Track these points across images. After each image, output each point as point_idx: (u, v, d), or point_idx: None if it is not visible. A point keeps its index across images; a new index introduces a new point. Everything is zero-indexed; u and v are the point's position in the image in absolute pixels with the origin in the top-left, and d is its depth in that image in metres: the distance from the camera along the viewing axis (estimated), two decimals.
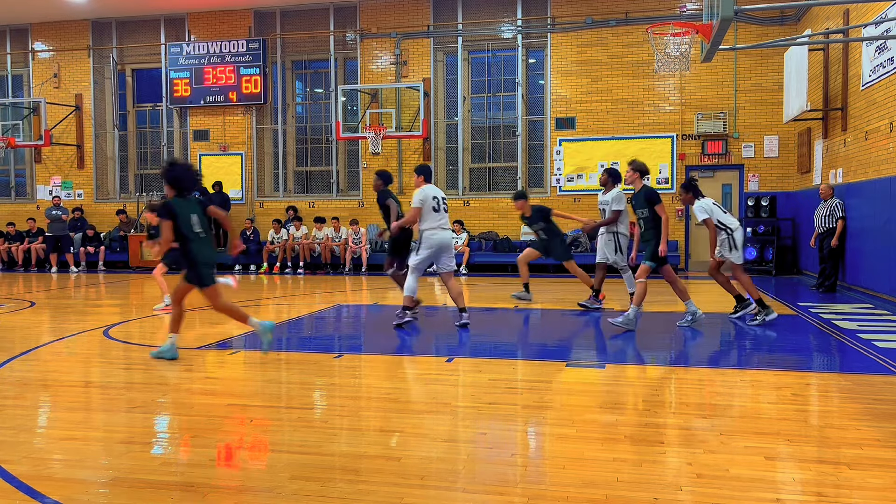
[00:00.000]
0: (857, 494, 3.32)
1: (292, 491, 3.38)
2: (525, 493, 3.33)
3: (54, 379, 5.90)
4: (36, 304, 10.82)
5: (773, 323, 8.16)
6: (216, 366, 6.38)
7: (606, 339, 7.69)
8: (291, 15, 17.48)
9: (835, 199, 11.44)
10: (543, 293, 11.88)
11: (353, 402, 5.10)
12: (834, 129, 12.53)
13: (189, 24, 17.85)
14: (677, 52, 11.72)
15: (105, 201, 18.73)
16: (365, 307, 10.53)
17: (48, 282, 14.50)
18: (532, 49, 16.59)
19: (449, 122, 16.99)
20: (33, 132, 17.80)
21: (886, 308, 9.38)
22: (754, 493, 3.31)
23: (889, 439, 4.07)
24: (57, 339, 7.74)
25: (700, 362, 6.67)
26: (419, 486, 3.43)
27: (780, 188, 15.13)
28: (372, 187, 9.70)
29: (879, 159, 10.35)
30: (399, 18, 16.73)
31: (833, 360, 6.52)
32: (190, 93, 17.74)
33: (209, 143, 17.98)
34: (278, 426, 4.51)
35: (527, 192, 10.47)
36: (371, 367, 6.39)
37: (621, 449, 3.94)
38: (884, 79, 10.10)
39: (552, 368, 6.28)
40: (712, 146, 15.26)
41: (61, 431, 4.48)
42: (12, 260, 17.68)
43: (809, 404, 5.04)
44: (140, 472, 3.65)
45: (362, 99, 16.65)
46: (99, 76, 18.69)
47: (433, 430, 4.37)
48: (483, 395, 5.17)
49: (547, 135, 16.22)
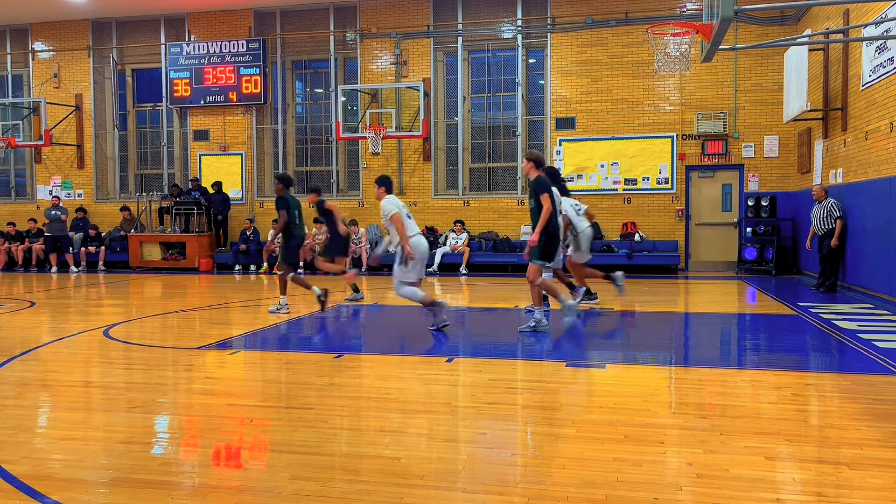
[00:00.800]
0: (857, 494, 3.32)
1: (292, 491, 3.38)
2: (525, 493, 3.33)
3: (54, 379, 5.90)
4: (36, 304, 10.82)
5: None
6: (216, 366, 6.38)
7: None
8: (291, 15, 17.48)
9: (829, 200, 11.46)
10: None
11: (353, 402, 5.10)
12: (834, 129, 12.53)
13: (189, 24, 17.85)
14: (677, 52, 11.73)
15: (105, 201, 18.73)
16: (365, 307, 10.53)
17: (48, 282, 14.50)
18: (532, 49, 16.59)
19: (449, 122, 16.99)
20: (33, 132, 17.80)
21: (886, 308, 9.38)
22: (754, 493, 3.31)
23: (889, 439, 4.07)
24: (57, 339, 7.74)
25: (700, 362, 6.67)
26: (419, 486, 3.43)
27: (780, 188, 15.13)
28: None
29: (879, 159, 10.35)
30: (399, 18, 16.73)
31: (833, 360, 6.52)
32: (190, 93, 17.74)
33: (209, 143, 17.99)
34: (278, 426, 4.51)
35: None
36: (371, 367, 6.39)
37: (621, 449, 3.94)
38: (884, 79, 10.10)
39: (552, 368, 6.28)
40: (712, 146, 15.26)
41: (61, 431, 4.48)
42: (12, 260, 17.68)
43: (809, 404, 5.04)
44: (140, 472, 3.65)
45: (362, 99, 16.65)
46: (99, 76, 18.69)
47: (433, 430, 4.37)
48: (483, 395, 5.17)
49: (547, 135, 16.22)
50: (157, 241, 17.07)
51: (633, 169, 15.68)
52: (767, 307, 9.93)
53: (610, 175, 15.81)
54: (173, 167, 18.46)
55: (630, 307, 10.22)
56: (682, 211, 15.54)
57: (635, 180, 15.69)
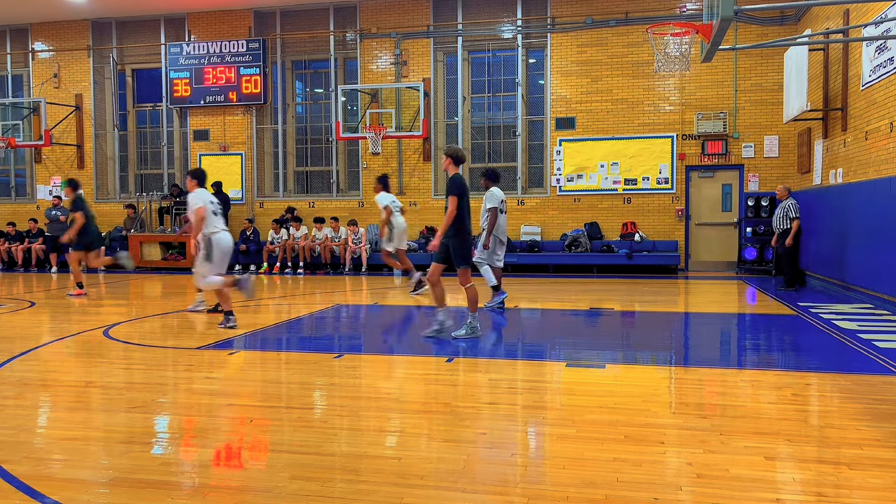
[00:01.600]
0: (857, 494, 3.32)
1: (292, 491, 3.38)
2: (525, 493, 3.33)
3: (54, 379, 5.90)
4: (36, 304, 10.82)
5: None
6: (216, 366, 6.38)
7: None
8: (291, 15, 17.48)
9: (790, 200, 11.89)
10: (544, 293, 11.89)
11: (353, 402, 5.10)
12: (834, 129, 12.53)
13: (189, 24, 17.85)
14: (677, 52, 11.74)
15: (105, 201, 18.73)
16: (365, 307, 10.53)
17: (48, 282, 14.50)
18: (532, 49, 16.58)
19: (449, 122, 16.98)
20: (33, 132, 17.80)
21: (886, 308, 9.38)
22: (754, 493, 3.31)
23: (889, 439, 4.07)
24: (57, 339, 7.74)
25: (700, 362, 6.67)
26: (419, 486, 3.43)
27: None
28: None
29: (879, 159, 10.35)
30: (399, 18, 16.73)
31: (833, 360, 6.51)
32: (190, 93, 17.74)
33: (209, 143, 17.98)
34: (278, 426, 4.51)
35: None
36: (371, 367, 6.39)
37: (621, 449, 3.94)
38: (884, 79, 10.09)
39: (552, 368, 6.28)
40: (712, 146, 15.26)
41: (61, 431, 4.48)
42: (12, 260, 17.69)
43: (809, 404, 5.04)
44: (140, 472, 3.65)
45: (362, 99, 16.65)
46: (99, 76, 18.69)
47: (433, 430, 4.37)
48: (483, 395, 5.17)
49: (547, 135, 16.22)
50: (157, 241, 17.07)
51: (633, 169, 15.68)
52: (767, 307, 9.93)
53: (610, 175, 15.81)
54: (173, 167, 18.46)
55: (630, 307, 10.23)
56: (682, 211, 15.53)
57: (635, 180, 15.69)
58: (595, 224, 15.79)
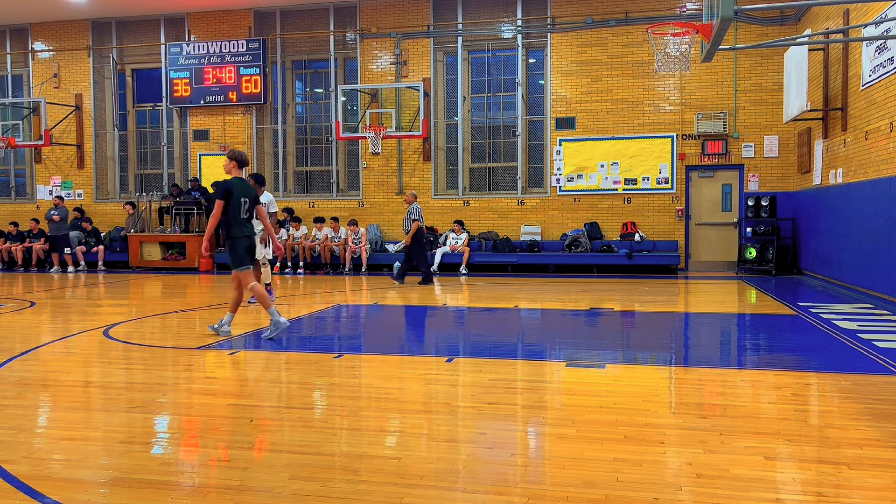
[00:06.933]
0: (857, 494, 3.32)
1: (292, 491, 3.38)
2: (525, 493, 3.33)
3: (54, 379, 5.90)
4: (36, 304, 10.82)
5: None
6: (216, 366, 6.38)
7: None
8: (291, 15, 17.48)
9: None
10: (544, 293, 11.89)
11: (353, 402, 5.10)
12: (834, 129, 12.53)
13: (189, 24, 17.85)
14: (677, 52, 11.73)
15: (105, 201, 18.73)
16: (365, 307, 10.53)
17: (48, 282, 14.50)
18: (532, 49, 16.59)
19: (449, 122, 16.98)
20: (33, 132, 17.80)
21: (886, 308, 9.38)
22: (754, 493, 3.31)
23: (889, 439, 4.07)
24: (57, 339, 7.74)
25: (700, 362, 6.67)
26: (419, 486, 3.43)
27: (780, 188, 15.13)
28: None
29: (879, 159, 10.35)
30: (399, 18, 16.73)
31: (833, 360, 6.51)
32: (190, 93, 17.74)
33: (209, 143, 17.99)
34: (278, 426, 4.51)
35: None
36: (371, 367, 6.39)
37: (621, 449, 3.94)
38: (884, 79, 10.10)
39: (552, 368, 6.28)
40: (712, 146, 15.26)
41: (61, 431, 4.47)
42: (12, 260, 17.68)
43: (809, 404, 5.04)
44: (140, 472, 3.65)
45: (362, 99, 16.65)
46: (99, 76, 18.69)
47: (433, 430, 4.37)
48: (483, 395, 5.17)
49: (547, 135, 16.22)
50: (156, 240, 17.07)
51: (633, 169, 15.68)
52: (767, 307, 9.93)
53: (610, 175, 15.81)
54: (173, 167, 18.46)
55: (630, 307, 10.23)
56: (681, 211, 15.53)
57: (635, 180, 15.69)
58: (595, 224, 15.79)
